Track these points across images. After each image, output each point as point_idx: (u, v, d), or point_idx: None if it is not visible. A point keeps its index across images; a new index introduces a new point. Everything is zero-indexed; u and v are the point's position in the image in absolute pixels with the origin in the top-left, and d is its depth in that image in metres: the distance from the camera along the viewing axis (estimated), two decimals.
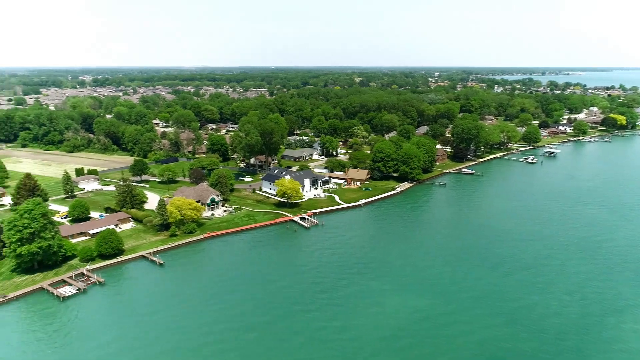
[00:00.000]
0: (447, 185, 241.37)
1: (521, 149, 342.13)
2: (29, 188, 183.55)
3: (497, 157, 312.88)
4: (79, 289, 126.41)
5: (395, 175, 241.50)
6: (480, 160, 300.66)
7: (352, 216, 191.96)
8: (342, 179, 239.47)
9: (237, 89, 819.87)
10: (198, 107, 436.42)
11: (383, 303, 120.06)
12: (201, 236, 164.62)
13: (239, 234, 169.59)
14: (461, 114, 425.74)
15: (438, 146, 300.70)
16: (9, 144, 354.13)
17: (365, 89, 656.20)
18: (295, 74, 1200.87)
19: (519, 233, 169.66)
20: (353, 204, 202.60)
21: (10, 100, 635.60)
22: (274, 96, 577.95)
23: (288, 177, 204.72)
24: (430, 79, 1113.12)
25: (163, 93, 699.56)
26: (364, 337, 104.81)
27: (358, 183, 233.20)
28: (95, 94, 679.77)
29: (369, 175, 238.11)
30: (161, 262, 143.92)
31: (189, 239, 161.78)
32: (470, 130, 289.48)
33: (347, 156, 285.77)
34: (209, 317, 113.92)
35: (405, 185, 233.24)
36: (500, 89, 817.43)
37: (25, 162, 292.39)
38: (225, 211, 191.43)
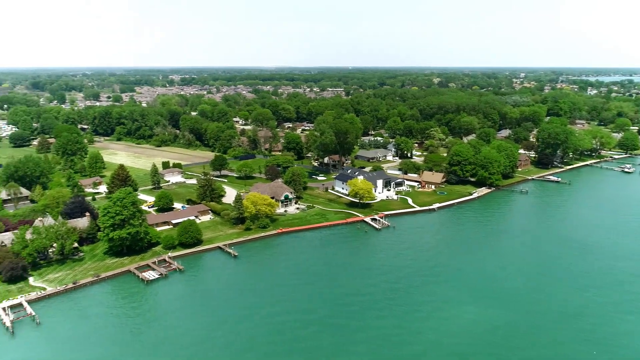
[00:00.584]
0: (530, 192, 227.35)
1: (616, 156, 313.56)
2: (122, 178, 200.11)
3: (587, 165, 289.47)
4: (161, 274, 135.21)
5: (472, 179, 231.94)
6: (568, 167, 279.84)
7: (424, 220, 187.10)
8: (416, 181, 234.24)
9: (314, 89, 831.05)
10: (276, 106, 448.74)
11: (456, 312, 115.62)
12: (274, 231, 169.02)
13: (310, 232, 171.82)
14: (548, 117, 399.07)
15: (521, 151, 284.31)
16: (106, 137, 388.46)
17: (444, 89, 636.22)
18: (372, 74, 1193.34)
19: (611, 249, 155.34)
20: (426, 207, 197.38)
21: (109, 97, 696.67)
22: (350, 96, 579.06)
23: (361, 178, 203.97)
24: (514, 80, 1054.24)
25: (244, 92, 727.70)
26: (433, 344, 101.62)
27: (433, 186, 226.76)
28: (182, 92, 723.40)
29: (444, 179, 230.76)
30: (235, 254, 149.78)
31: (262, 234, 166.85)
32: (558, 135, 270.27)
33: (422, 158, 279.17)
34: (280, 310, 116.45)
35: (483, 190, 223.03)
36: (594, 92, 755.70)
37: (119, 154, 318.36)
38: (297, 208, 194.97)
